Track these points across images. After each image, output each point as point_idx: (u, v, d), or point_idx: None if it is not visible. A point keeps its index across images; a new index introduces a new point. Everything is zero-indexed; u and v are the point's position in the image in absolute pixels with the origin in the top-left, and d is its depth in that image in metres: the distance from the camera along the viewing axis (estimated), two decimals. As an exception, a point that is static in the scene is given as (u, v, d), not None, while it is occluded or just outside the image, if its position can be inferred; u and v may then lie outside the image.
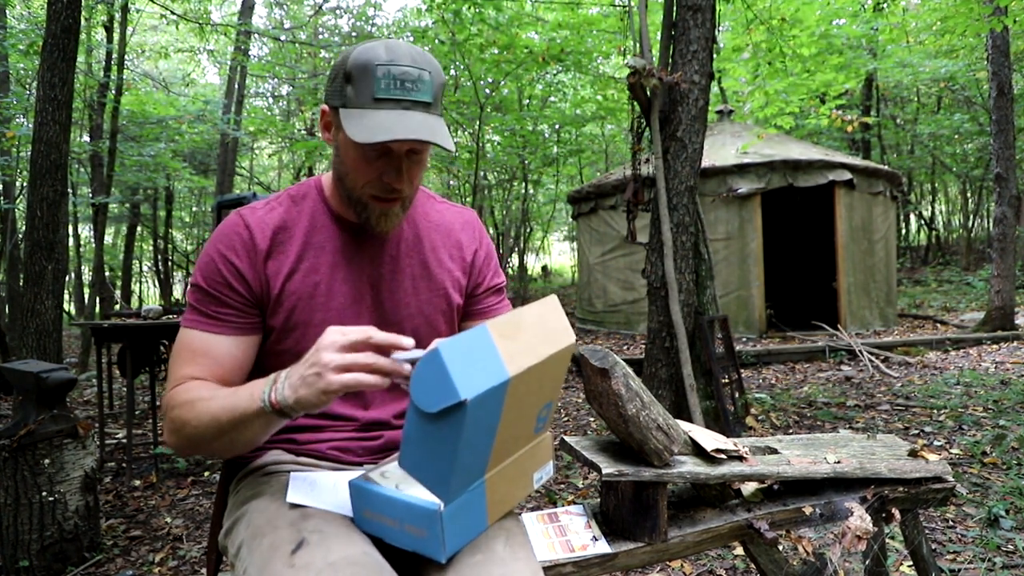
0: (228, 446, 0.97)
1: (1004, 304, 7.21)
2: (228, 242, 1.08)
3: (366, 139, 0.96)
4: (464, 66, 9.31)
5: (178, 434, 0.98)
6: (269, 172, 20.13)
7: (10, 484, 2.36)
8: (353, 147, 1.03)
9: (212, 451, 0.99)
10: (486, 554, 0.92)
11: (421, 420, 0.80)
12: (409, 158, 1.05)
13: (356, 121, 0.98)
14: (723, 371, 3.91)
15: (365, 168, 1.04)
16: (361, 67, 0.99)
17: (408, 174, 1.05)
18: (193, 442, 0.98)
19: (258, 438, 0.96)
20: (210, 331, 1.05)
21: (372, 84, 0.98)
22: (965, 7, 6.17)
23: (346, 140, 1.03)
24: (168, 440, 1.02)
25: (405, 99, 0.99)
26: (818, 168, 7.60)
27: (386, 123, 0.97)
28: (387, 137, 0.96)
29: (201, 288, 1.06)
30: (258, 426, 0.93)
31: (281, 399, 0.88)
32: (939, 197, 19.59)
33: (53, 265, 3.74)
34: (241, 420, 0.92)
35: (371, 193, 1.06)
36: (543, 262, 24.78)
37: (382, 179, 1.04)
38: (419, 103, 1.00)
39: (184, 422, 0.97)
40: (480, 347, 0.80)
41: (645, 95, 3.75)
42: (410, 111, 0.99)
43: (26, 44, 6.87)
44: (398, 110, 0.98)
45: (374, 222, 1.08)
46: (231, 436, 0.94)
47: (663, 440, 1.20)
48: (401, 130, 0.96)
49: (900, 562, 2.23)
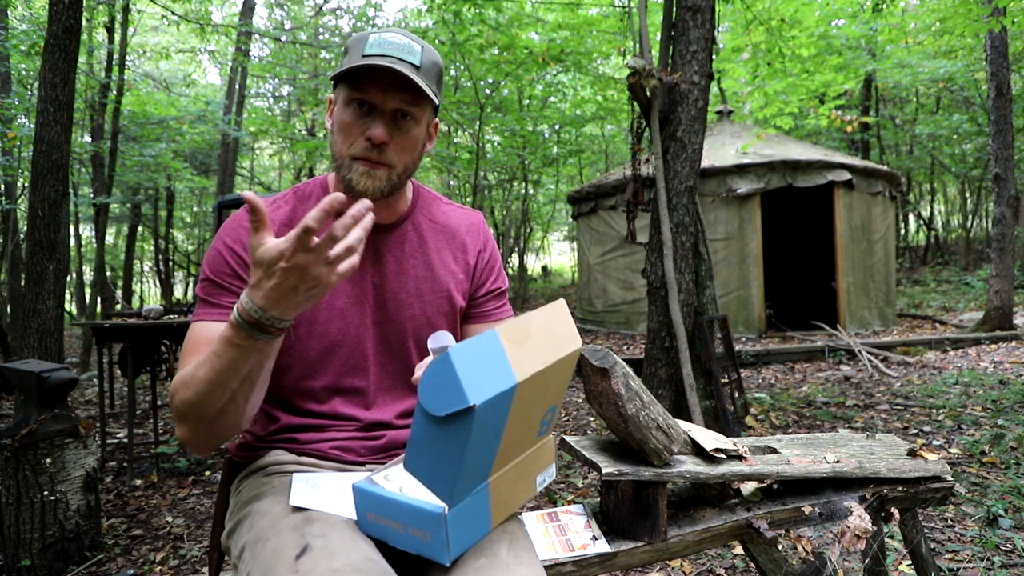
0: (230, 397, 0.92)
1: (1003, 304, 7.22)
2: (235, 235, 1.09)
3: (344, 71, 1.02)
4: (464, 66, 9.32)
5: (185, 420, 0.95)
6: (270, 172, 20.13)
7: (11, 483, 2.37)
8: (342, 109, 1.06)
9: (224, 421, 0.94)
10: (490, 558, 0.92)
11: (428, 423, 0.81)
12: (396, 123, 1.06)
13: (342, 68, 1.04)
14: (723, 371, 3.91)
15: (351, 127, 1.06)
16: (356, 39, 1.06)
17: (395, 141, 1.06)
18: (201, 415, 0.93)
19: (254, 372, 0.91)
20: (220, 319, 1.04)
21: (363, 47, 1.04)
22: (964, 8, 6.18)
23: (339, 108, 1.08)
24: (180, 433, 0.98)
25: (390, 54, 1.03)
26: (817, 168, 7.61)
27: (368, 65, 1.01)
28: (365, 63, 1.00)
29: (210, 279, 1.06)
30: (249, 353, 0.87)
31: (246, 303, 0.84)
32: (938, 197, 19.60)
33: (54, 265, 3.75)
34: (228, 353, 0.88)
35: (355, 153, 1.06)
36: (543, 262, 24.79)
37: (365, 135, 1.05)
38: (406, 62, 1.03)
39: (188, 399, 0.93)
40: (490, 352, 0.80)
41: (645, 95, 3.76)
42: (394, 64, 1.01)
43: (28, 45, 6.87)
44: (383, 61, 1.01)
45: (356, 180, 1.05)
46: (230, 383, 0.90)
47: (663, 440, 1.21)
48: (380, 63, 1.00)
49: (899, 561, 2.23)
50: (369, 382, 1.15)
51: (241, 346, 0.87)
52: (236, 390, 0.92)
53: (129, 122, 9.91)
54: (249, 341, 0.87)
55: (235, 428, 0.98)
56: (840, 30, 8.90)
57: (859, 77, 10.02)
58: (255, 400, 0.97)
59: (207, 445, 0.99)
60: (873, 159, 15.02)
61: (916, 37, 11.97)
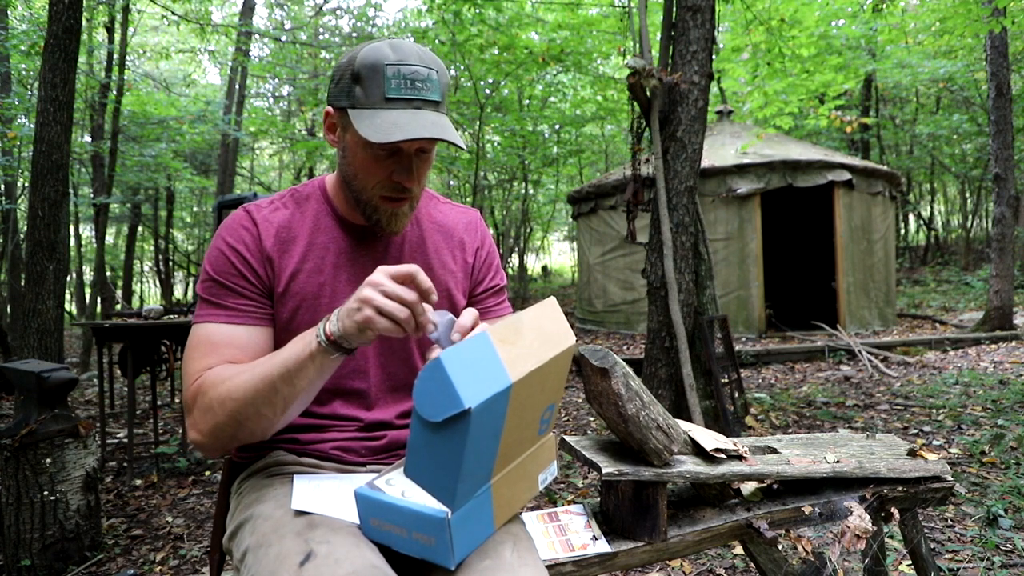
0: (279, 407, 0.95)
1: (1003, 304, 7.22)
2: (237, 235, 1.08)
3: (381, 139, 0.96)
4: (464, 66, 9.32)
5: (215, 416, 0.95)
6: (270, 172, 20.14)
7: (12, 483, 2.37)
8: (362, 147, 1.03)
9: (257, 425, 0.96)
10: (494, 560, 0.93)
11: (425, 429, 0.80)
12: (418, 157, 1.06)
13: (368, 121, 0.98)
14: (723, 371, 3.91)
15: (375, 168, 1.04)
16: (370, 67, 0.99)
17: (417, 173, 1.06)
18: (236, 418, 0.95)
19: (312, 385, 0.96)
20: (230, 322, 1.04)
21: (382, 83, 0.98)
22: (963, 8, 6.18)
23: (355, 141, 1.03)
24: (200, 431, 0.98)
25: (416, 98, 0.99)
26: (817, 168, 7.61)
27: (400, 122, 0.97)
28: (403, 136, 0.96)
29: (214, 280, 1.06)
30: (313, 370, 0.93)
31: (334, 330, 0.90)
32: (938, 197, 19.60)
33: (54, 265, 3.74)
34: (296, 368, 0.92)
35: (381, 194, 1.06)
36: (543, 262, 24.79)
37: (392, 178, 1.05)
38: (429, 102, 1.01)
39: (223, 399, 0.95)
40: (481, 354, 0.80)
41: (645, 95, 3.76)
42: (421, 110, 1.00)
43: (28, 45, 6.87)
44: (410, 109, 0.99)
45: (385, 223, 1.08)
46: (284, 393, 0.93)
47: (663, 440, 1.21)
48: (415, 128, 0.97)
49: (899, 561, 2.23)
50: (370, 384, 1.15)
51: (314, 363, 0.92)
52: (288, 396, 0.95)
53: (129, 122, 9.91)
54: (322, 356, 0.92)
55: (259, 436, 1.00)
56: (840, 30, 8.90)
57: (859, 77, 10.02)
58: (292, 413, 0.99)
59: (222, 447, 1.00)
60: (873, 159, 15.02)
61: (916, 37, 11.97)
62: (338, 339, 0.90)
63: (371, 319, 0.86)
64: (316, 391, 0.99)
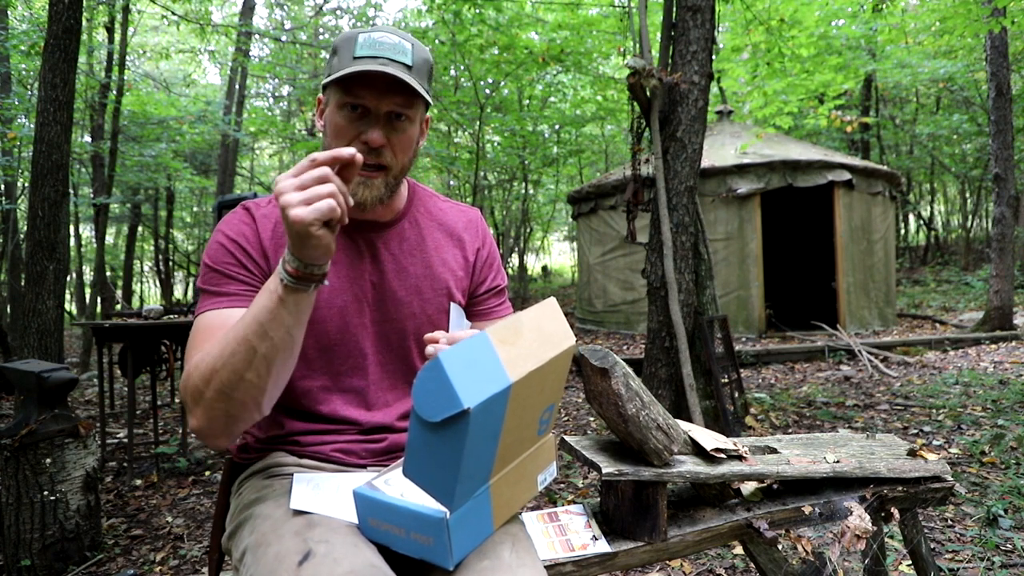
0: (261, 370, 0.91)
1: (1003, 304, 7.22)
2: (237, 229, 1.09)
3: (340, 75, 1.00)
4: (464, 66, 9.32)
5: (203, 397, 0.92)
6: (270, 172, 20.14)
7: (12, 483, 2.37)
8: (335, 113, 1.05)
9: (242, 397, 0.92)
10: (493, 560, 0.93)
11: (424, 429, 0.80)
12: (390, 124, 1.05)
13: (335, 74, 1.02)
14: (723, 371, 3.91)
15: (345, 131, 1.05)
16: (345, 38, 1.05)
17: (391, 142, 1.06)
18: (225, 391, 0.91)
19: (290, 337, 0.91)
20: (228, 306, 1.04)
21: (353, 48, 1.03)
22: (963, 8, 6.18)
23: (331, 111, 1.06)
24: (195, 417, 0.94)
25: (382, 56, 1.02)
26: (817, 168, 7.61)
27: (362, 68, 1.00)
28: (360, 68, 0.99)
29: (213, 269, 1.06)
30: (287, 314, 0.89)
31: (294, 264, 0.87)
32: (938, 197, 19.60)
33: (54, 265, 3.74)
34: (268, 318, 0.89)
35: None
36: (543, 262, 24.79)
37: (361, 139, 1.04)
38: (398, 63, 1.03)
39: (206, 377, 0.91)
40: (480, 354, 0.80)
41: (645, 95, 3.76)
42: (388, 66, 1.01)
43: (28, 45, 6.87)
44: (375, 64, 1.01)
45: (352, 190, 1.03)
46: (261, 350, 0.89)
47: (663, 440, 1.20)
48: (375, 67, 0.99)
49: (899, 561, 2.23)
50: (368, 382, 1.15)
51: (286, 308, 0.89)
52: (270, 354, 0.90)
53: (129, 122, 9.91)
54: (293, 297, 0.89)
55: (253, 406, 0.94)
56: (840, 30, 8.90)
57: (859, 77, 10.01)
58: (276, 376, 0.94)
59: (223, 431, 0.95)
60: (873, 159, 15.02)
61: (916, 37, 11.98)
62: (300, 270, 0.87)
63: (303, 217, 0.81)
64: (296, 345, 0.94)
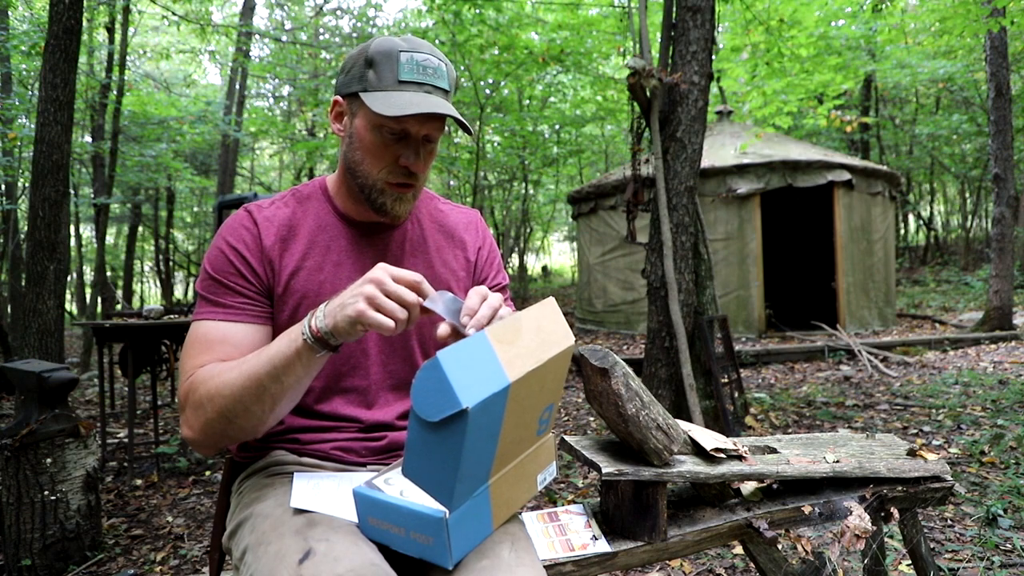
0: (267, 405, 0.95)
1: (1002, 304, 7.22)
2: (237, 235, 1.09)
3: (396, 112, 0.99)
4: (464, 67, 9.32)
5: (205, 413, 0.95)
6: (270, 172, 20.15)
7: (12, 483, 2.37)
8: (372, 130, 1.06)
9: (246, 421, 0.96)
10: (492, 559, 0.93)
11: (423, 429, 0.80)
12: (424, 145, 1.09)
13: (382, 100, 1.01)
14: (722, 371, 3.92)
15: (383, 152, 1.07)
16: (384, 53, 1.03)
17: (423, 160, 1.09)
18: (225, 415, 0.95)
19: (300, 383, 0.95)
20: (227, 319, 1.05)
21: (396, 67, 1.03)
22: (963, 8, 6.18)
23: (364, 125, 1.06)
24: (192, 428, 0.98)
25: (427, 83, 1.04)
26: (817, 168, 7.61)
27: (413, 100, 1.01)
28: (417, 110, 0.99)
29: (213, 278, 1.07)
30: (300, 367, 0.92)
31: (320, 325, 0.89)
32: (938, 197, 19.61)
33: (55, 265, 3.75)
34: (283, 365, 0.92)
35: (387, 179, 1.08)
36: (543, 262, 24.80)
37: (400, 163, 1.07)
38: (439, 88, 1.06)
39: (212, 396, 0.95)
40: (479, 354, 0.80)
41: (645, 96, 3.76)
42: (432, 95, 1.04)
43: (28, 45, 6.87)
44: (421, 92, 1.03)
45: (390, 207, 1.10)
46: (272, 391, 0.93)
47: (663, 439, 1.21)
48: (428, 107, 1.00)
49: (899, 561, 2.24)
50: (370, 381, 1.15)
51: (301, 360, 0.92)
52: (276, 394, 0.95)
53: (129, 122, 9.91)
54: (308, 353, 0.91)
55: (251, 433, 1.00)
56: (839, 30, 8.90)
57: (858, 77, 10.02)
58: (281, 410, 0.99)
59: (215, 445, 0.99)
60: (873, 159, 15.02)
61: (915, 37, 11.98)
62: (325, 335, 0.89)
63: (364, 313, 0.85)
64: (304, 388, 0.98)
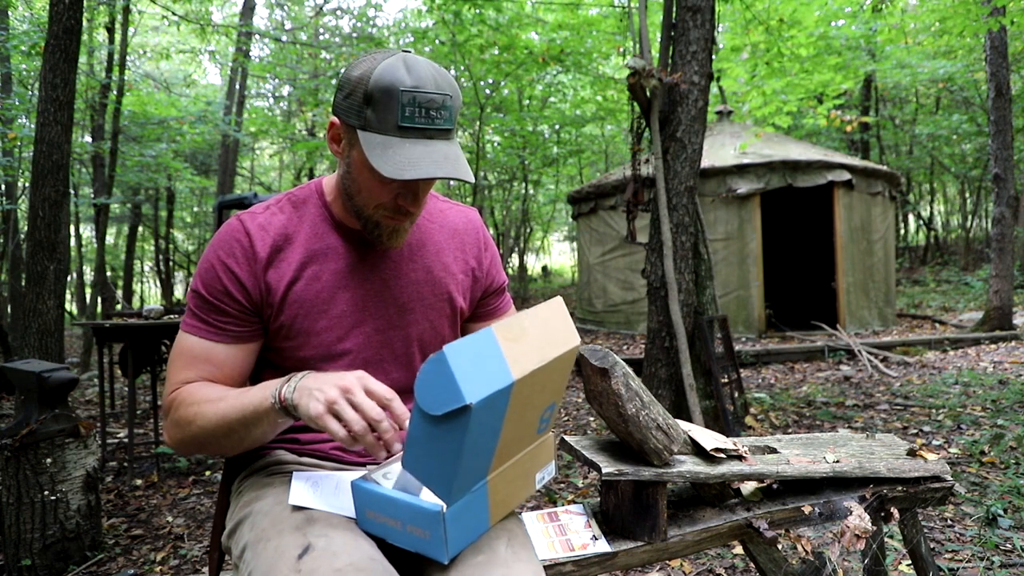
0: (235, 444, 1.01)
1: (1002, 304, 7.22)
2: (228, 249, 1.07)
3: (393, 175, 0.94)
4: (464, 67, 9.33)
5: (182, 432, 1.02)
6: (270, 172, 20.15)
7: (12, 483, 2.37)
8: (369, 170, 1.01)
9: (217, 449, 1.03)
10: (488, 555, 0.93)
11: (425, 422, 0.81)
12: (423, 186, 1.05)
13: (380, 152, 0.96)
14: (722, 371, 3.92)
15: (380, 192, 1.03)
16: (384, 90, 0.95)
17: (422, 198, 1.06)
18: (198, 440, 1.01)
19: (266, 435, 1.00)
20: (210, 339, 1.07)
21: (396, 110, 0.95)
22: (963, 8, 6.19)
23: (361, 161, 1.01)
24: (170, 439, 1.05)
25: (430, 128, 0.97)
26: (817, 168, 7.61)
27: (412, 157, 0.95)
28: (415, 175, 0.94)
29: (201, 295, 1.06)
30: (267, 423, 0.96)
31: (288, 397, 0.92)
32: (938, 197, 19.61)
33: (55, 265, 3.74)
34: (252, 417, 0.96)
35: (384, 214, 1.06)
36: (543, 262, 24.80)
37: (397, 202, 1.04)
38: (442, 131, 0.99)
39: (189, 421, 1.00)
40: (485, 351, 0.80)
41: (645, 96, 3.76)
42: (434, 141, 0.98)
43: (28, 45, 6.87)
44: (423, 141, 0.97)
45: (385, 238, 1.08)
46: (240, 434, 0.98)
47: (663, 439, 1.21)
48: (428, 166, 0.95)
49: (899, 561, 2.24)
50: None
51: (268, 419, 0.96)
52: (243, 437, 1.00)
53: (129, 122, 9.91)
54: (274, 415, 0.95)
55: (226, 453, 1.06)
56: (839, 30, 8.90)
57: (858, 77, 10.02)
58: (249, 446, 1.04)
59: (192, 452, 1.07)
60: (873, 159, 15.02)
61: (915, 37, 11.98)
62: (290, 407, 0.92)
63: (321, 416, 0.86)
64: (274, 435, 1.02)
